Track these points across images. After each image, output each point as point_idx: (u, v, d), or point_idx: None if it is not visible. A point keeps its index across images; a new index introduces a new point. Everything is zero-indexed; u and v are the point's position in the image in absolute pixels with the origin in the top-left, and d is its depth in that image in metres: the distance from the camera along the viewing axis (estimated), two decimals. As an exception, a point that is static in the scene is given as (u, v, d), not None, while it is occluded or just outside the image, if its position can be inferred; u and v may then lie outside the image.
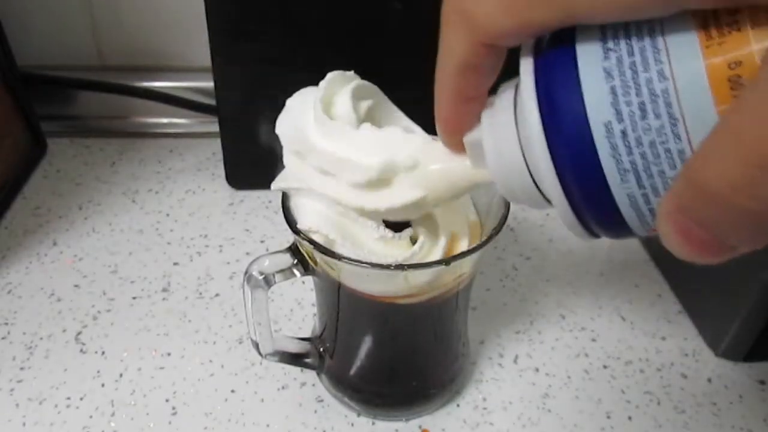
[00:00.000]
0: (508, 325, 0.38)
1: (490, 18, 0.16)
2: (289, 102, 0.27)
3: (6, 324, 0.37)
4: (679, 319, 0.39)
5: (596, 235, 0.18)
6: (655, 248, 0.43)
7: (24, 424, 0.32)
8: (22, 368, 0.35)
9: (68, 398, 0.33)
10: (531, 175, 0.19)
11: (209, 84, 0.46)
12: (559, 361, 0.36)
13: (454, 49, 0.18)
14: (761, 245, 0.14)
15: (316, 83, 0.27)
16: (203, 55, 0.43)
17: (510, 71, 0.19)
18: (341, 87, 0.26)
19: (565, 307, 0.40)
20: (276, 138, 0.27)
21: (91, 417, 0.32)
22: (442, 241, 0.27)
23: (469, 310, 0.33)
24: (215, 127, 0.46)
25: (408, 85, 0.28)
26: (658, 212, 0.15)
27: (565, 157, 0.16)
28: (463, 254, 0.25)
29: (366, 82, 0.27)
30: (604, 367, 0.36)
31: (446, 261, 0.25)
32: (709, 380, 0.35)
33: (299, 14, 0.41)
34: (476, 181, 0.22)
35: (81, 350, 0.36)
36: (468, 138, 0.21)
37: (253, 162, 0.46)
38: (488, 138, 0.19)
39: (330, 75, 0.26)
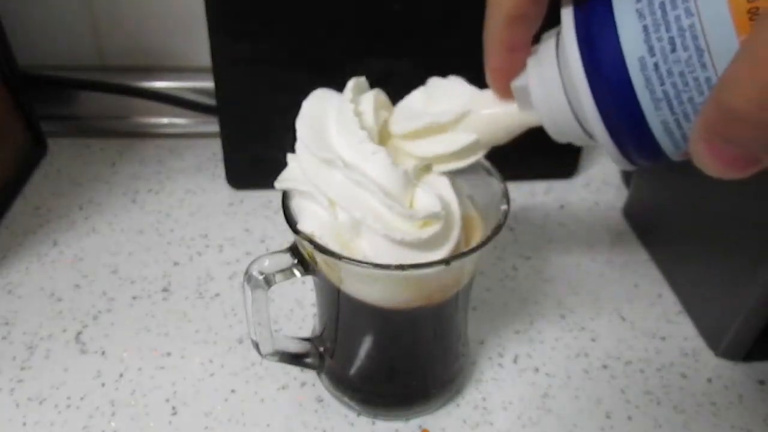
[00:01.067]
0: (508, 325, 0.38)
1: None
2: (306, 105, 0.26)
3: (6, 324, 0.37)
4: (679, 319, 0.39)
5: (636, 164, 0.21)
6: (655, 248, 0.43)
7: (24, 424, 0.32)
8: (22, 368, 0.35)
9: (68, 398, 0.33)
10: (574, 113, 0.21)
11: (209, 84, 0.46)
12: (559, 361, 0.36)
13: (502, 3, 0.21)
14: None
15: (316, 84, 0.27)
16: (203, 55, 0.43)
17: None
18: (360, 95, 0.26)
19: (565, 307, 0.40)
20: (276, 138, 0.27)
21: (91, 417, 0.32)
22: None
23: (469, 310, 0.33)
24: (215, 127, 0.46)
25: (408, 86, 0.28)
26: (690, 135, 0.17)
27: (605, 92, 0.19)
28: (463, 254, 0.25)
29: (378, 90, 0.27)
30: (604, 367, 0.36)
31: (446, 261, 0.25)
32: (709, 380, 0.35)
33: (299, 15, 0.41)
34: (524, 123, 0.24)
35: (81, 350, 0.36)
36: (515, 83, 0.22)
37: (253, 162, 0.46)
38: (534, 81, 0.21)
39: (351, 83, 0.26)
